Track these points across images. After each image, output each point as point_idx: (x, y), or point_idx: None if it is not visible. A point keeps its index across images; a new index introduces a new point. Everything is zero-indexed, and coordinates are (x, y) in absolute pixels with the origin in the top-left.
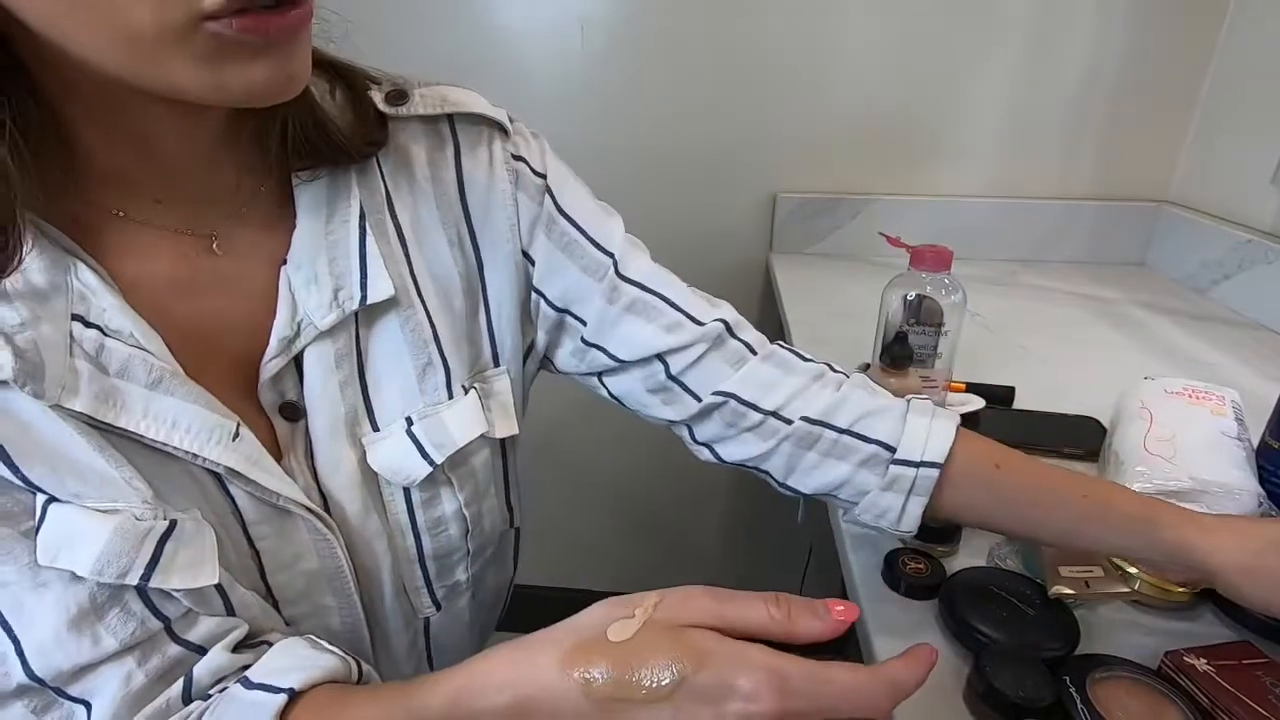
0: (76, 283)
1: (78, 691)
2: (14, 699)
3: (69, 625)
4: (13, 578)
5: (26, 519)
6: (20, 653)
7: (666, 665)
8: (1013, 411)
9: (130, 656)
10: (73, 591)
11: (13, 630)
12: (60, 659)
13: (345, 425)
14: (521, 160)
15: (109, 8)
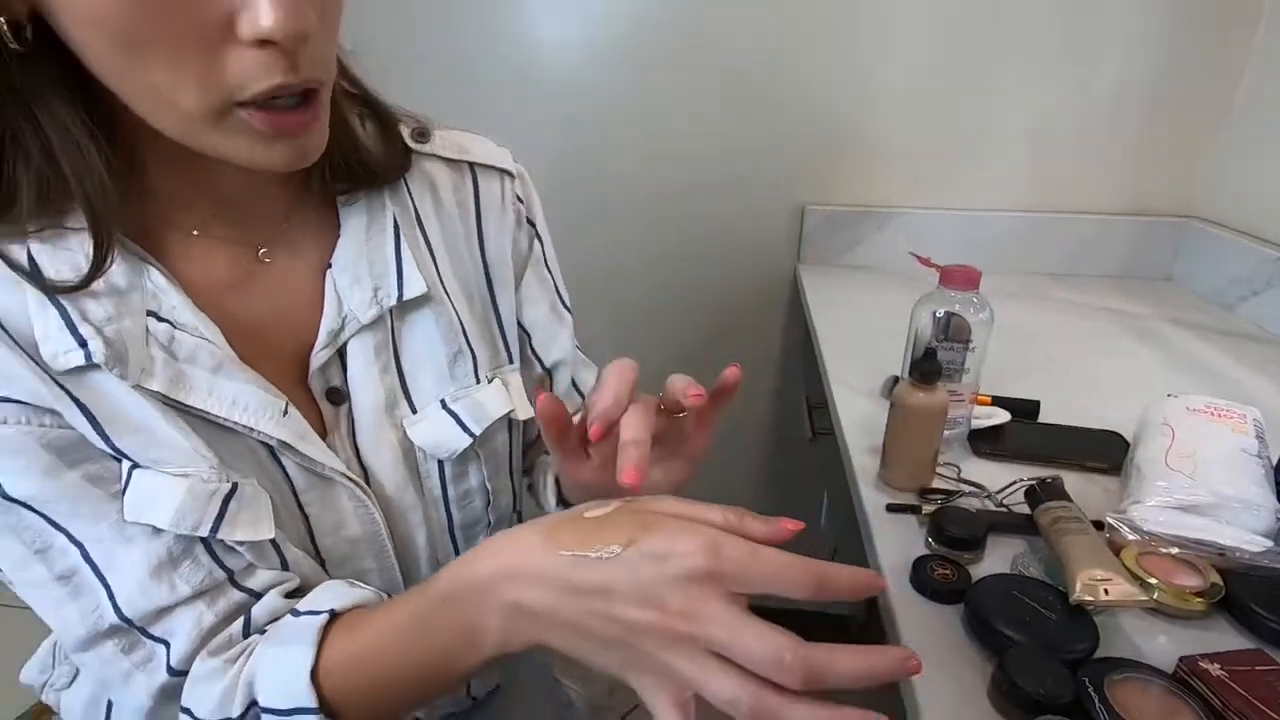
0: (149, 284)
1: (159, 631)
2: (105, 638)
3: (151, 574)
4: (105, 533)
5: (115, 483)
6: (112, 597)
7: (624, 532)
8: (1037, 425)
9: (201, 601)
10: (153, 545)
11: (105, 578)
12: (144, 603)
13: (385, 407)
14: (523, 203)
15: (169, 91)
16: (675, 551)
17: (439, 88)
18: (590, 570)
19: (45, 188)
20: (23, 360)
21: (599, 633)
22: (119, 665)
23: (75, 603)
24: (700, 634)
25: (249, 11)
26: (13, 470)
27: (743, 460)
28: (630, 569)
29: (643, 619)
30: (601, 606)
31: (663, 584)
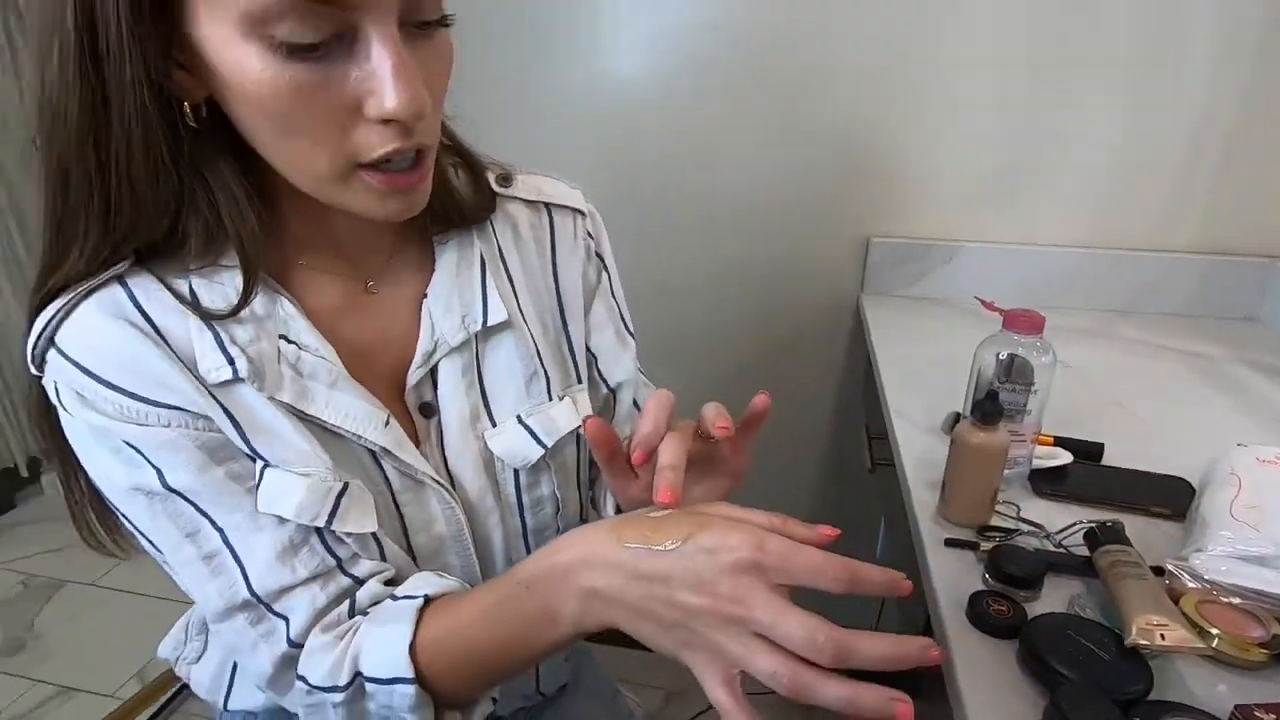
0: (281, 312)
1: (280, 608)
2: (239, 612)
3: (277, 557)
4: (242, 522)
5: (250, 479)
6: (245, 577)
7: (682, 529)
8: (1100, 467)
9: (315, 583)
10: (279, 533)
11: (241, 560)
12: (271, 581)
13: (469, 421)
14: (592, 238)
15: (307, 159)
16: (726, 545)
17: (520, 124)
18: (653, 560)
19: (209, 235)
20: (184, 374)
21: (659, 615)
22: (248, 635)
23: (216, 580)
24: (747, 617)
25: (375, 98)
26: (173, 465)
27: (801, 487)
28: (687, 560)
29: (697, 603)
30: (662, 592)
31: (715, 573)
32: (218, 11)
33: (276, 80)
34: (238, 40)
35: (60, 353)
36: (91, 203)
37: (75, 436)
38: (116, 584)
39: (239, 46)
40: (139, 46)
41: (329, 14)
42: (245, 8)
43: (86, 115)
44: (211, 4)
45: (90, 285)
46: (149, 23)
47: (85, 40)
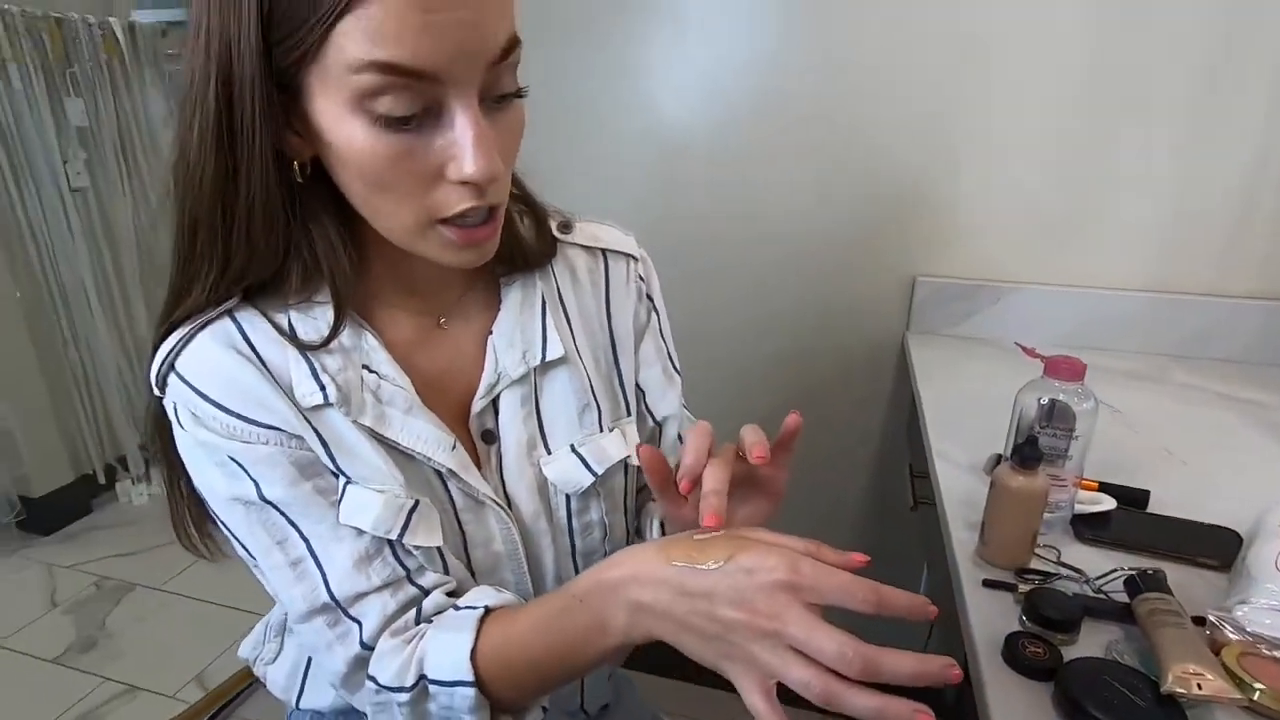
0: (365, 344)
1: (355, 612)
2: (318, 614)
3: (354, 565)
4: (325, 532)
5: (334, 494)
6: (326, 582)
7: (724, 550)
8: (1145, 515)
9: (386, 591)
10: (357, 544)
11: (322, 566)
12: (348, 587)
13: (526, 448)
14: (644, 281)
15: (394, 213)
16: (764, 566)
17: (576, 172)
18: (697, 578)
19: (306, 275)
20: (282, 398)
21: (702, 628)
22: (325, 636)
23: (300, 584)
24: (782, 631)
25: (456, 163)
26: (269, 479)
27: (844, 523)
28: (728, 578)
29: (737, 618)
30: (705, 607)
31: (753, 591)
32: (330, 90)
33: (375, 147)
34: (345, 114)
35: (179, 377)
36: (214, 249)
37: (186, 451)
38: (181, 589)
39: (346, 119)
40: (267, 121)
41: (422, 92)
42: (354, 87)
43: (219, 177)
44: (325, 84)
45: (206, 318)
46: (276, 102)
47: (224, 115)
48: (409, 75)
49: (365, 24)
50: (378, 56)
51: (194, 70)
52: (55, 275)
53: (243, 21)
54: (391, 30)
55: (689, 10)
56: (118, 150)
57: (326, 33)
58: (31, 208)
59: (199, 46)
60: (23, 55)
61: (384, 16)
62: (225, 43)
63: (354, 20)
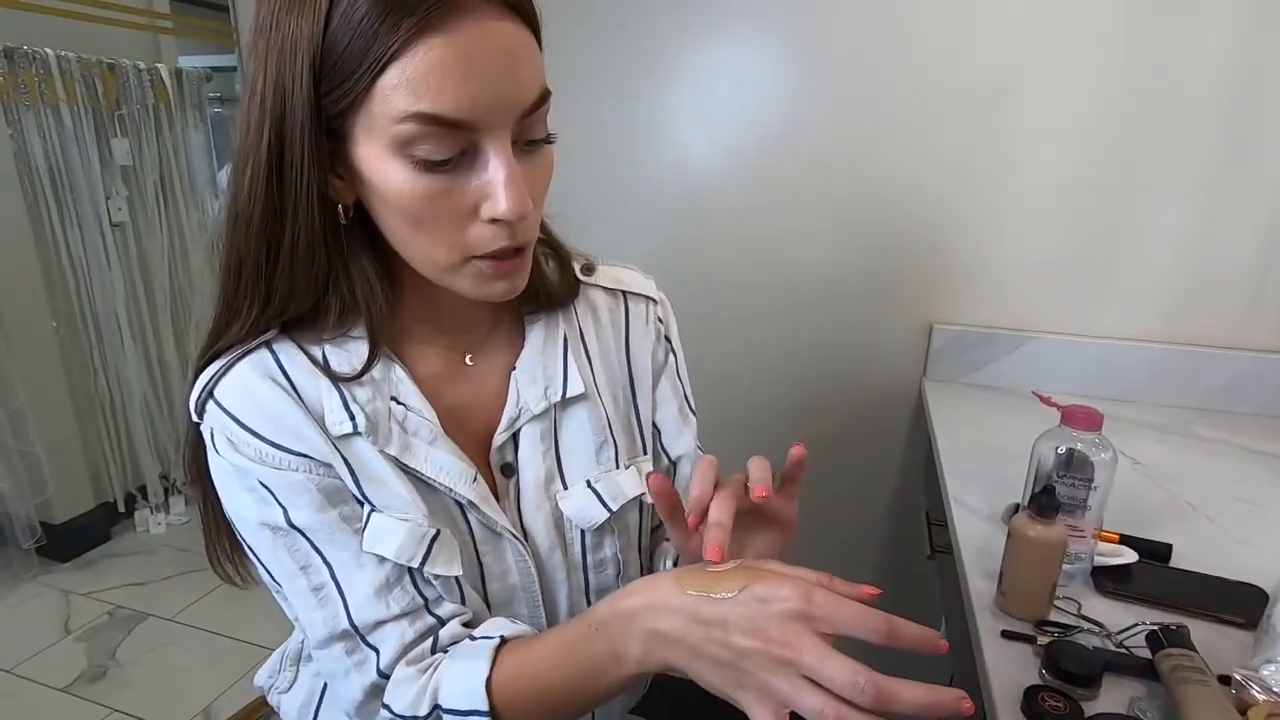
0: (394, 376)
1: (373, 640)
2: (338, 641)
3: (375, 592)
4: (348, 559)
5: (358, 521)
6: (346, 608)
7: (738, 580)
8: (1168, 569)
9: (404, 620)
10: (378, 572)
11: (344, 593)
12: (368, 614)
13: (544, 482)
14: (662, 323)
15: (429, 250)
16: (778, 595)
17: (600, 217)
18: (712, 607)
19: (344, 310)
20: (314, 427)
21: (716, 656)
22: (343, 663)
23: (321, 610)
24: (796, 660)
25: (490, 203)
26: (297, 505)
27: (862, 571)
28: (743, 607)
29: (751, 646)
30: (720, 635)
31: (767, 619)
32: (373, 135)
33: (414, 188)
34: (387, 157)
35: (218, 404)
36: (258, 286)
37: (219, 475)
38: (192, 620)
39: (387, 162)
40: (314, 165)
41: (459, 137)
42: (395, 133)
43: (267, 217)
44: (369, 130)
45: (245, 349)
46: (324, 148)
47: (275, 160)
48: (448, 125)
49: (408, 76)
50: (420, 108)
51: (249, 119)
52: (91, 307)
53: (296, 74)
54: (434, 83)
55: (711, 66)
56: (157, 189)
57: (371, 84)
58: (73, 241)
59: (255, 97)
60: (76, 98)
61: (427, 70)
62: (280, 94)
63: (398, 72)
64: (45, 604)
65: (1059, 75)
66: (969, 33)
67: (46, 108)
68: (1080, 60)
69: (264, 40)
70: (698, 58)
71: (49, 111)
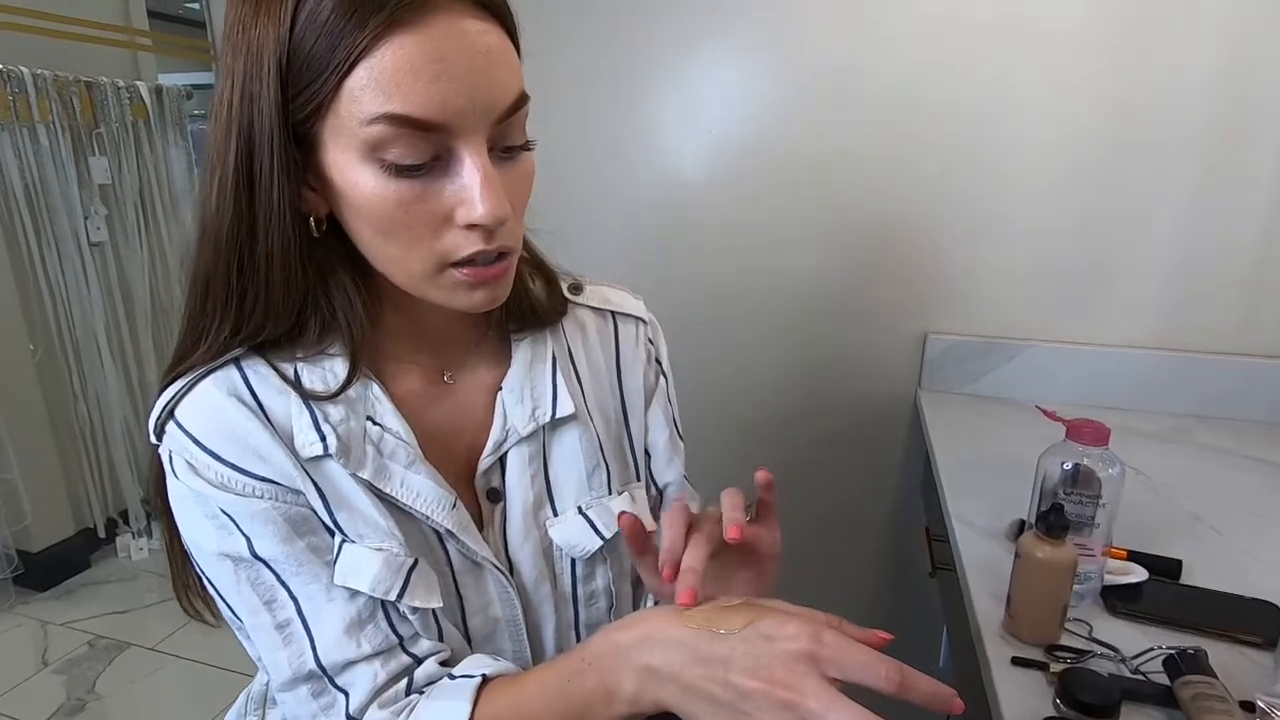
0: (370, 396)
1: (342, 682)
2: (303, 682)
3: (345, 630)
4: (316, 593)
5: (328, 553)
6: (314, 647)
7: (743, 617)
8: (1179, 586)
9: (377, 660)
10: (349, 607)
11: (310, 630)
12: (337, 654)
13: (532, 508)
14: (653, 344)
15: (402, 259)
16: (784, 634)
17: (592, 229)
18: (714, 643)
19: (324, 328)
20: (282, 449)
21: (715, 695)
22: (308, 707)
23: (286, 649)
24: (800, 704)
25: (465, 208)
26: (262, 535)
27: (861, 589)
28: (746, 644)
29: (753, 686)
30: (720, 673)
31: (771, 658)
32: (341, 140)
33: (385, 193)
34: (356, 162)
35: (178, 424)
36: (228, 304)
37: (177, 501)
38: (173, 649)
39: (356, 168)
40: (284, 174)
41: (431, 140)
42: (364, 136)
43: (236, 230)
44: (337, 134)
45: (210, 366)
46: (293, 156)
47: (244, 169)
48: (419, 127)
49: (377, 76)
50: (389, 109)
51: (216, 128)
52: (70, 329)
53: (263, 78)
54: (403, 83)
55: (702, 74)
56: (137, 207)
57: (339, 85)
58: (50, 262)
59: (223, 105)
60: (51, 116)
61: (395, 69)
62: (247, 99)
63: (366, 71)
64: (22, 635)
65: (1053, 82)
66: (962, 40)
67: (22, 126)
68: (1074, 67)
69: (231, 44)
70: (689, 66)
71: (24, 130)
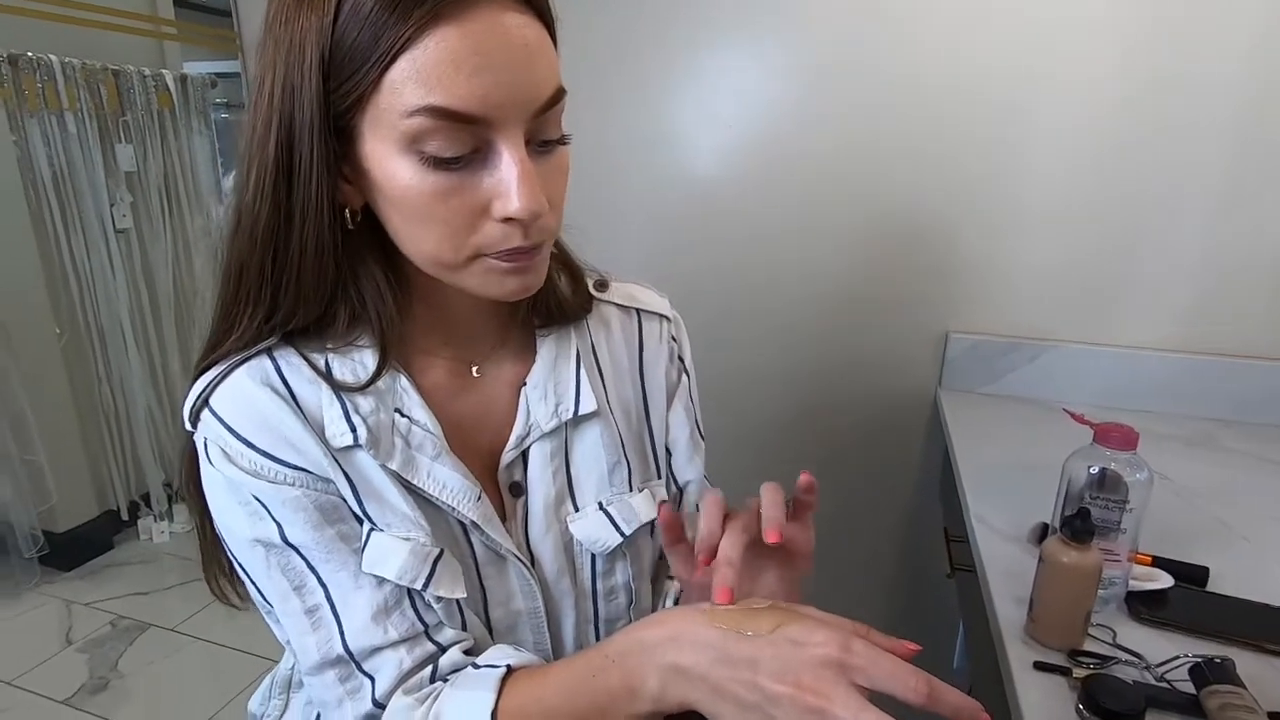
0: (399, 388)
1: (369, 668)
2: (330, 667)
3: (372, 617)
4: (345, 580)
5: (357, 540)
6: (342, 633)
7: (772, 620)
8: (1206, 594)
9: (403, 646)
10: (376, 594)
11: (339, 615)
12: (364, 640)
13: (554, 504)
14: (676, 342)
15: (437, 250)
16: (813, 640)
17: (610, 220)
18: (742, 645)
19: (353, 319)
20: (314, 438)
21: (741, 697)
22: (335, 691)
23: (315, 634)
24: (827, 710)
25: (502, 201)
26: (293, 522)
27: (876, 588)
28: (775, 648)
29: (781, 690)
30: (747, 675)
31: (799, 664)
32: (380, 132)
33: (422, 185)
34: (394, 154)
35: (213, 412)
36: (260, 292)
37: (211, 488)
38: (193, 630)
39: (395, 159)
40: (323, 166)
41: (470, 133)
42: (404, 128)
43: (273, 221)
44: (377, 125)
45: (244, 356)
46: (332, 148)
47: (283, 159)
48: (459, 119)
49: (419, 68)
50: (430, 101)
51: (256, 118)
52: (95, 314)
53: (305, 70)
54: (445, 75)
55: (720, 70)
56: (161, 194)
57: (380, 77)
58: (76, 248)
59: (264, 96)
60: (79, 104)
61: (438, 61)
62: (288, 91)
63: (408, 63)
64: (47, 614)
65: (1078, 77)
66: (985, 33)
67: (51, 114)
68: (1099, 62)
69: (273, 37)
70: (707, 61)
71: (53, 118)
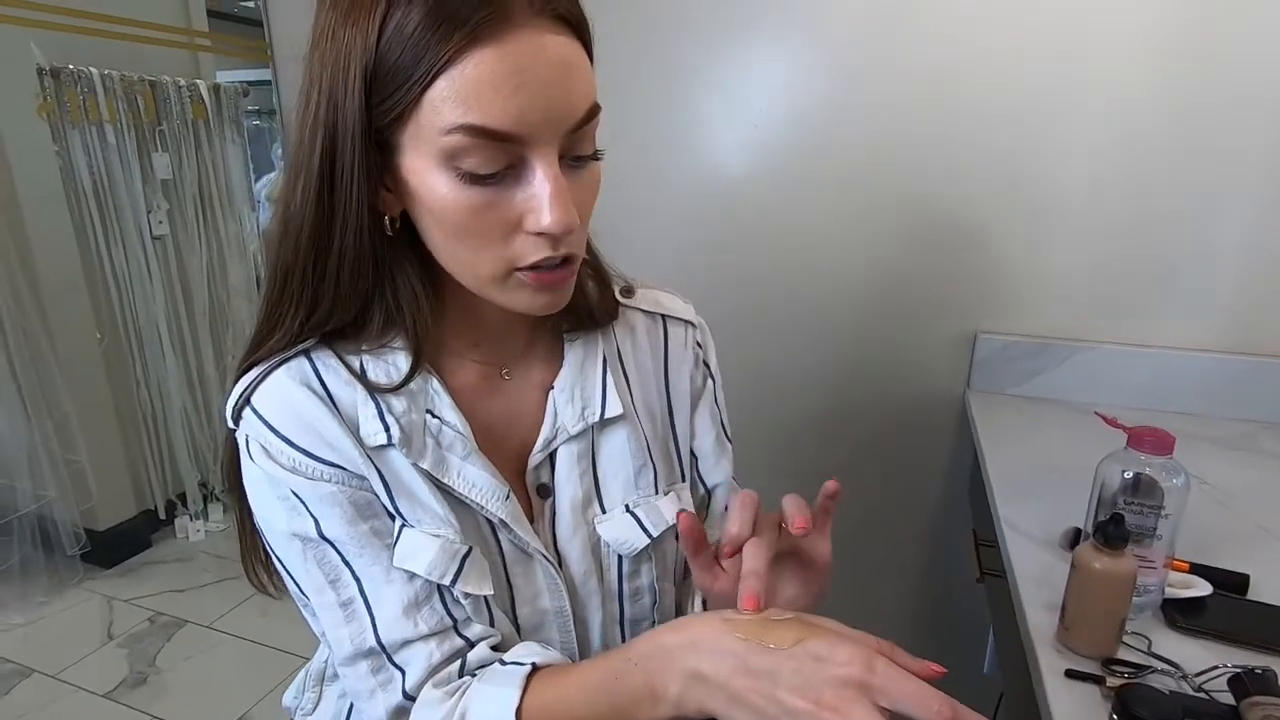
0: (431, 389)
1: (400, 660)
2: (363, 658)
3: (403, 610)
4: (378, 574)
5: (389, 536)
6: (374, 625)
7: (794, 633)
8: (1245, 602)
9: (433, 640)
10: (407, 589)
11: (371, 608)
12: (396, 633)
13: (581, 505)
14: (701, 348)
15: (471, 261)
16: (836, 658)
17: (634, 220)
18: (763, 656)
19: (388, 321)
20: (350, 437)
21: (759, 709)
22: (367, 682)
23: (349, 626)
24: None
25: (534, 215)
26: (329, 517)
27: (903, 592)
28: (796, 662)
29: (800, 706)
30: (767, 688)
31: (820, 680)
32: (420, 147)
33: (459, 199)
34: (433, 169)
35: (254, 411)
36: (303, 295)
37: (252, 483)
38: (228, 627)
39: (433, 174)
40: (364, 177)
41: (506, 150)
42: (442, 145)
43: (316, 228)
44: (416, 143)
45: (284, 356)
46: (373, 160)
47: (326, 169)
48: (495, 137)
49: (458, 88)
50: (468, 120)
51: (303, 130)
52: (133, 319)
53: (349, 85)
54: (483, 95)
55: (745, 69)
56: (196, 201)
57: (421, 95)
58: (116, 254)
59: (309, 108)
60: (118, 115)
61: (476, 81)
62: (333, 104)
63: (447, 83)
64: (90, 610)
65: (1114, 74)
66: (1018, 31)
67: (91, 125)
68: (1137, 57)
69: (319, 52)
70: (731, 60)
71: (93, 129)
